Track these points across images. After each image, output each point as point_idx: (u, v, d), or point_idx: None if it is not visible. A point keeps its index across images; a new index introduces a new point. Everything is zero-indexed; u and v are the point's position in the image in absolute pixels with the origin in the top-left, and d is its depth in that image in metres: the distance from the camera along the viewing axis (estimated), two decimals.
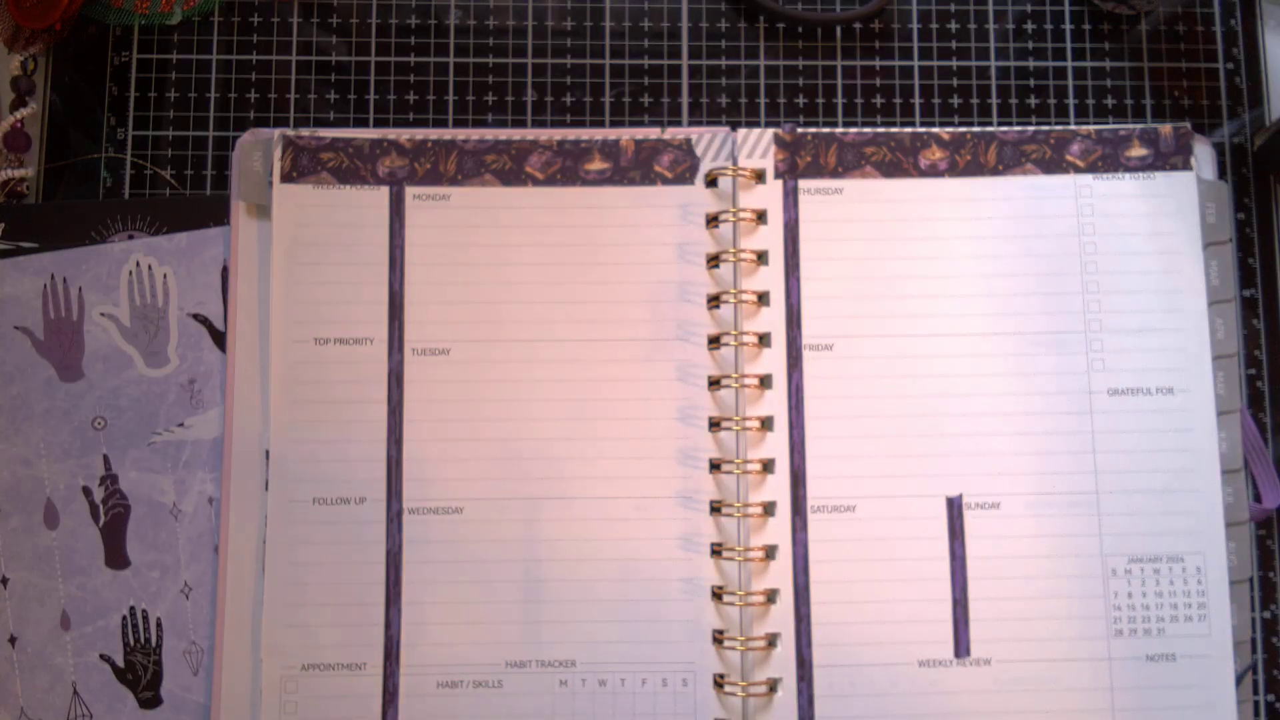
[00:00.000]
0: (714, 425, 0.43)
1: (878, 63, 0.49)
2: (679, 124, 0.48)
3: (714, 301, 0.44)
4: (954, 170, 0.45)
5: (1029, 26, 0.49)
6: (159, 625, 0.43)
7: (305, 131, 0.45)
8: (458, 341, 0.44)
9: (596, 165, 0.45)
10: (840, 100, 0.49)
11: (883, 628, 0.42)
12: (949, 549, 0.43)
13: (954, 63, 0.49)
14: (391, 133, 0.45)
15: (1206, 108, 0.48)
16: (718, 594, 0.42)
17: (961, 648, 0.42)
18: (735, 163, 0.45)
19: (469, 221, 0.45)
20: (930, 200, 0.45)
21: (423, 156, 0.45)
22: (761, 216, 0.44)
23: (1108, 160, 0.45)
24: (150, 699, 0.43)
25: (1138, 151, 0.45)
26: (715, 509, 0.43)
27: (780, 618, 0.42)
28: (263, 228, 0.45)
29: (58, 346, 0.45)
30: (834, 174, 0.45)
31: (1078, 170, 0.45)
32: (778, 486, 0.43)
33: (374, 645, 0.42)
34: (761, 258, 0.44)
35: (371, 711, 0.42)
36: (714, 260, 0.44)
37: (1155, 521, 0.43)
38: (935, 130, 0.45)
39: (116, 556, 0.44)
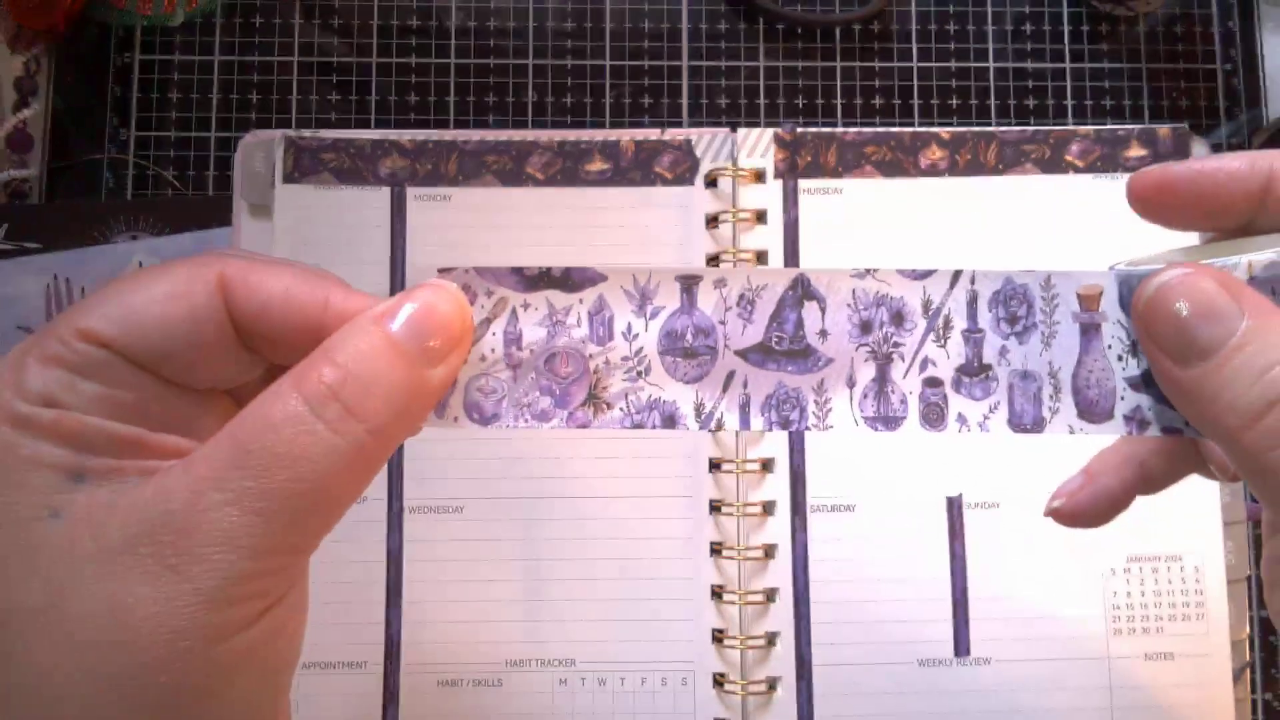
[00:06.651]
0: None
1: (877, 64, 0.49)
2: (679, 125, 0.48)
3: None
4: (954, 170, 0.45)
5: (1027, 28, 0.49)
6: None
7: (307, 132, 0.45)
8: None
9: (597, 166, 0.45)
10: (839, 101, 0.49)
11: (882, 627, 0.42)
12: (949, 548, 0.43)
13: (953, 64, 0.49)
14: (393, 133, 0.46)
15: (1204, 109, 0.49)
16: (717, 593, 0.42)
17: (961, 647, 0.42)
18: (735, 163, 0.45)
19: (470, 222, 0.45)
20: (930, 200, 0.45)
21: (424, 157, 0.45)
22: (761, 216, 0.45)
23: (1106, 160, 0.45)
24: None
25: (1136, 152, 0.45)
26: (715, 508, 0.43)
27: (780, 617, 0.42)
28: (265, 228, 0.45)
29: None
30: (834, 174, 0.45)
31: (1077, 170, 0.45)
32: (777, 486, 0.43)
33: (374, 644, 0.42)
34: (761, 258, 0.44)
35: (372, 710, 0.42)
36: (714, 260, 0.44)
37: (1153, 521, 0.43)
38: (935, 130, 0.46)
39: None
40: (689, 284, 0.24)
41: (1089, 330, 0.24)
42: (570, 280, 0.24)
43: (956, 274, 0.24)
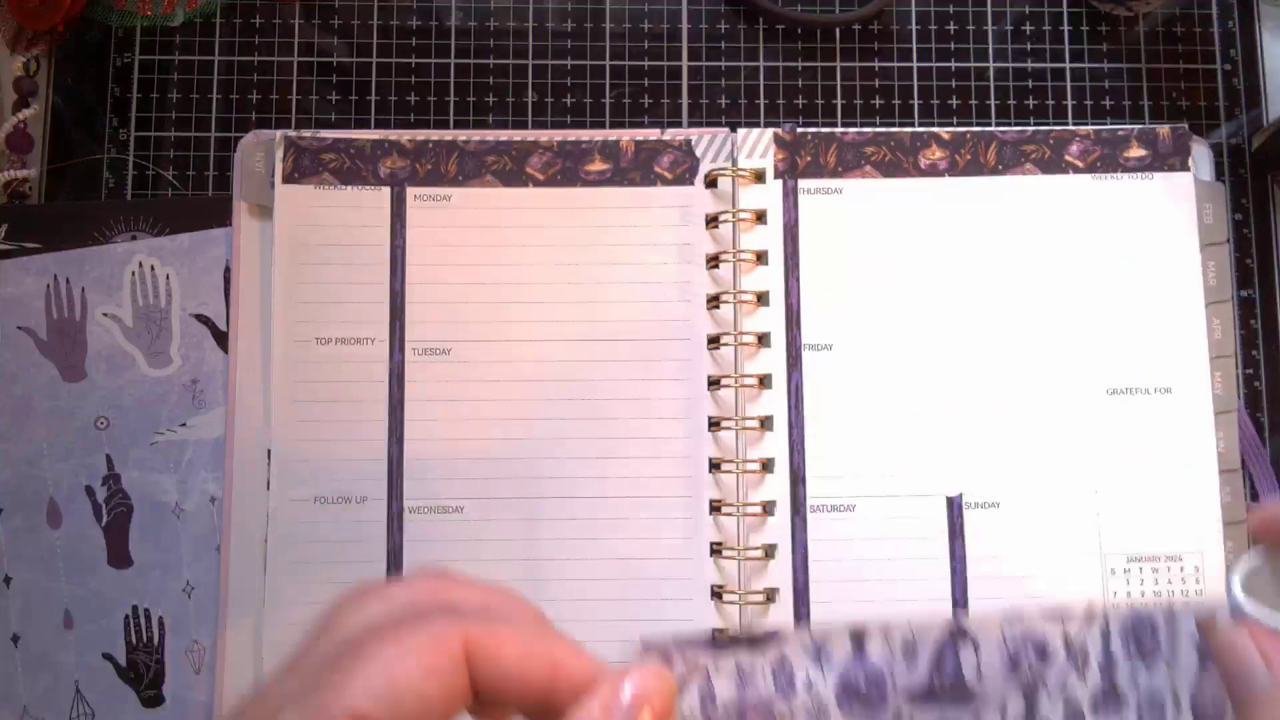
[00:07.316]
0: (714, 425, 0.43)
1: (877, 64, 0.49)
2: (679, 125, 0.48)
3: (714, 302, 0.44)
4: (954, 170, 0.45)
5: (1027, 28, 0.49)
6: (161, 624, 0.43)
7: (307, 132, 0.45)
8: (458, 341, 0.44)
9: (597, 166, 0.45)
10: (839, 101, 0.49)
11: None
12: (949, 548, 0.43)
13: (953, 64, 0.49)
14: (393, 134, 0.46)
15: (1204, 109, 0.49)
16: (717, 593, 0.42)
17: None
18: (735, 163, 0.45)
19: (470, 222, 0.45)
20: (930, 200, 0.45)
21: (424, 157, 0.45)
22: (761, 217, 0.45)
23: (1106, 161, 0.45)
24: (153, 698, 0.43)
25: (1136, 152, 0.45)
26: (715, 508, 0.43)
27: (780, 617, 0.42)
28: (265, 228, 0.45)
29: (60, 347, 0.45)
30: (834, 174, 0.45)
31: (1077, 170, 0.45)
32: (777, 486, 0.43)
33: None
34: (761, 258, 0.44)
35: None
36: (714, 261, 0.44)
37: (1153, 521, 0.43)
38: (935, 130, 0.46)
39: (119, 556, 0.44)
40: (859, 635, 0.26)
41: (1206, 654, 0.26)
42: (756, 641, 0.26)
43: (1091, 611, 0.26)
